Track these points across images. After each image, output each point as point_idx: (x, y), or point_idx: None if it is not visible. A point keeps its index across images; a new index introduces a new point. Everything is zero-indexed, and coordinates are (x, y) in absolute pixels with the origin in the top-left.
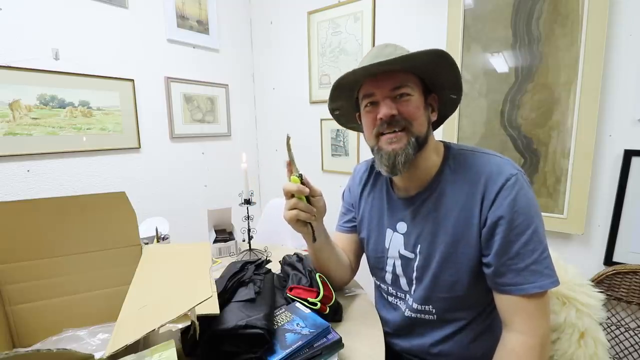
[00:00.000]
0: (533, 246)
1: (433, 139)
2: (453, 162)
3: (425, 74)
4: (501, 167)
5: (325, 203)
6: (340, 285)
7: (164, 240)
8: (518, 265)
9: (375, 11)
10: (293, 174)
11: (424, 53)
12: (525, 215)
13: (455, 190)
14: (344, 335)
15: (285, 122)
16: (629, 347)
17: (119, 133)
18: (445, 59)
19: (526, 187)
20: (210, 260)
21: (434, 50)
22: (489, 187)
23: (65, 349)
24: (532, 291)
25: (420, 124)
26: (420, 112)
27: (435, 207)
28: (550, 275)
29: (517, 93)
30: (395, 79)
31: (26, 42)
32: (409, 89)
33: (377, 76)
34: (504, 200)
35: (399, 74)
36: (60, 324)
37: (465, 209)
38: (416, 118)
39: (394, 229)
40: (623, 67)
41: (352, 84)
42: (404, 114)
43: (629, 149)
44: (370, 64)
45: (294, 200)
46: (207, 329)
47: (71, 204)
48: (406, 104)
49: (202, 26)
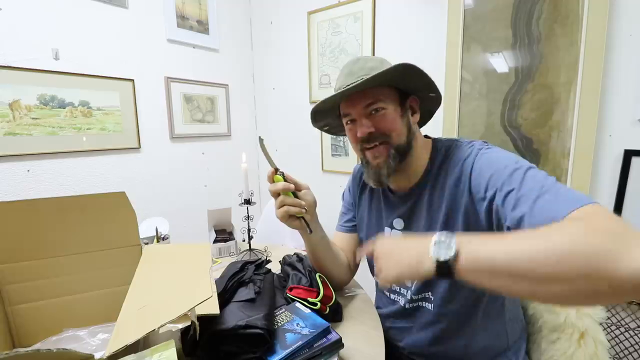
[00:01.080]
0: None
1: (420, 138)
2: (440, 156)
3: (398, 84)
4: (470, 146)
5: (314, 196)
6: (340, 284)
7: (164, 240)
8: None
9: (375, 11)
10: (275, 173)
11: (388, 71)
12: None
13: (443, 183)
14: (344, 335)
15: (285, 122)
16: (629, 347)
17: (119, 133)
18: (411, 69)
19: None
20: (210, 261)
21: (397, 65)
22: (465, 169)
23: (65, 349)
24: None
25: (398, 134)
26: (397, 122)
27: (428, 201)
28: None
29: (517, 93)
30: (367, 96)
31: (26, 42)
32: (383, 103)
33: (350, 96)
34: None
35: (371, 90)
36: (60, 324)
37: (454, 198)
38: (393, 129)
39: (392, 226)
40: (623, 67)
41: (332, 105)
42: (380, 129)
43: (629, 149)
44: (339, 91)
45: (281, 198)
46: (207, 329)
47: (71, 204)
48: (381, 118)
49: (202, 26)
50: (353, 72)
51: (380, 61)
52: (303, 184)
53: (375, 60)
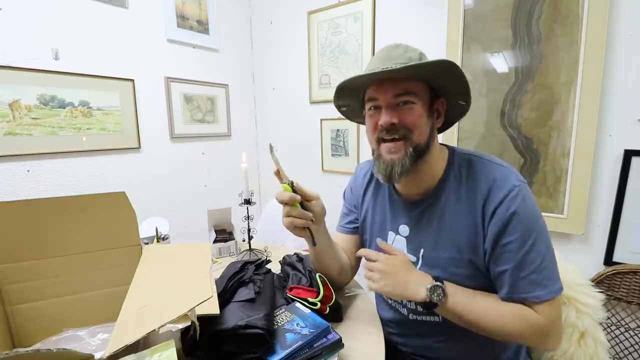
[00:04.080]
0: (533, 257)
1: (437, 144)
2: (458, 168)
3: (432, 81)
4: (505, 177)
5: (324, 205)
6: (341, 285)
7: (164, 240)
8: (518, 274)
9: (375, 11)
10: (283, 182)
11: (429, 64)
12: (525, 227)
13: (460, 197)
14: (344, 335)
15: (285, 122)
16: (629, 347)
17: (119, 133)
18: (452, 70)
19: (528, 199)
20: (210, 261)
21: (440, 61)
22: (492, 197)
23: (65, 349)
24: (530, 300)
25: (420, 133)
26: (422, 121)
27: (439, 213)
28: (547, 286)
29: (517, 93)
30: (399, 86)
31: (26, 42)
32: (413, 97)
33: (382, 81)
34: (506, 212)
35: (404, 81)
36: (60, 324)
37: (468, 217)
38: (417, 127)
39: (397, 231)
40: (623, 67)
41: (359, 86)
42: (404, 123)
43: (629, 149)
44: (373, 72)
45: (287, 208)
46: (207, 329)
47: (71, 204)
48: (408, 112)
49: (202, 26)
50: (390, 57)
51: (419, 54)
52: (313, 194)
53: (415, 51)
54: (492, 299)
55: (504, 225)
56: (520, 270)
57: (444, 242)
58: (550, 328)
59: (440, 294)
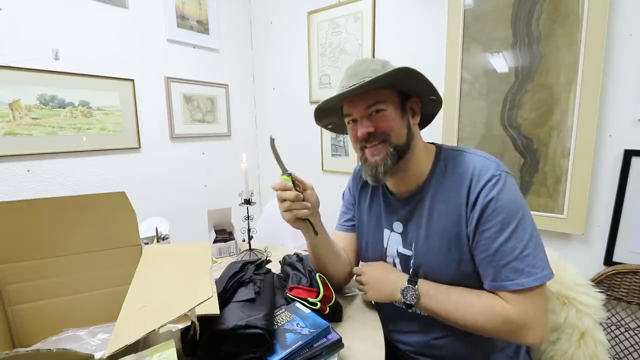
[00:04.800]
0: (513, 244)
1: (420, 142)
2: (444, 164)
3: (399, 86)
4: (486, 167)
5: (318, 197)
6: (341, 284)
7: (164, 240)
8: (499, 262)
9: (375, 11)
10: (283, 173)
11: (387, 75)
12: (505, 214)
13: (445, 190)
14: (344, 335)
15: (285, 122)
16: (629, 347)
17: (119, 133)
18: (411, 75)
19: (508, 187)
20: (210, 261)
21: (398, 69)
22: (473, 186)
23: (65, 349)
24: (510, 288)
25: (397, 134)
26: (397, 123)
27: (428, 207)
28: (530, 273)
29: (517, 93)
30: (368, 98)
31: (26, 42)
32: (383, 104)
33: (353, 97)
34: (485, 199)
35: (372, 92)
36: (60, 324)
37: (454, 208)
38: (392, 130)
39: (391, 228)
40: (623, 67)
41: (335, 105)
42: (380, 130)
43: (629, 149)
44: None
45: (287, 202)
46: (207, 329)
47: (71, 204)
48: (381, 119)
49: (202, 26)
50: (356, 74)
51: (382, 64)
52: (308, 184)
53: (378, 62)
54: (469, 294)
55: (482, 212)
56: (501, 258)
57: (434, 234)
58: (524, 320)
59: (412, 295)
